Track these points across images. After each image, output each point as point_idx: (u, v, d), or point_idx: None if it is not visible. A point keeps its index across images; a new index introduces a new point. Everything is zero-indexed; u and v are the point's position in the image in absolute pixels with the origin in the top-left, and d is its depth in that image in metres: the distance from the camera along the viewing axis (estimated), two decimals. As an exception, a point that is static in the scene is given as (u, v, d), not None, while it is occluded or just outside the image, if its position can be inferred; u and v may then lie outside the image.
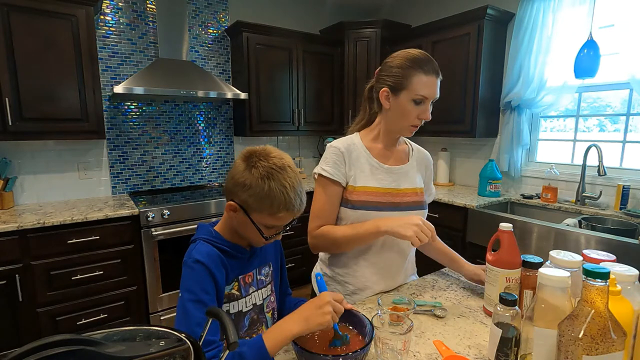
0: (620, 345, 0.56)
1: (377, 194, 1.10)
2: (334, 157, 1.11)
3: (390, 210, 1.10)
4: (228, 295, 0.88)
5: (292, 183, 0.81)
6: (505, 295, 0.72)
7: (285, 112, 3.07)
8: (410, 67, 1.02)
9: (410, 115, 1.05)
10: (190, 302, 0.78)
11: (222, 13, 2.99)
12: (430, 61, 1.03)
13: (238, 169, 0.83)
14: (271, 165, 0.80)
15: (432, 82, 1.03)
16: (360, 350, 0.71)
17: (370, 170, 1.12)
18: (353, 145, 1.13)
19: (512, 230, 0.95)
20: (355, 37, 3.17)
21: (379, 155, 1.14)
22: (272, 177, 0.79)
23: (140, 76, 2.36)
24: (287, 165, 0.82)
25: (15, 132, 2.06)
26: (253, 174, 0.80)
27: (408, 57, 1.03)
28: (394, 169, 1.14)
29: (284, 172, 0.81)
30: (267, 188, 0.79)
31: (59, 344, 0.39)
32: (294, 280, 2.43)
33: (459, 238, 2.43)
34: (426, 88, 1.02)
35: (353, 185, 1.10)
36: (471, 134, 2.64)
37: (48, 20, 2.07)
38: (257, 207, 0.81)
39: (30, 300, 1.98)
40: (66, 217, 2.02)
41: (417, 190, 1.15)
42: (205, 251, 0.83)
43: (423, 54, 1.04)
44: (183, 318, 0.78)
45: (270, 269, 1.00)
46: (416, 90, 1.02)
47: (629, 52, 2.01)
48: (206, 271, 0.81)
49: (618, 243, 1.71)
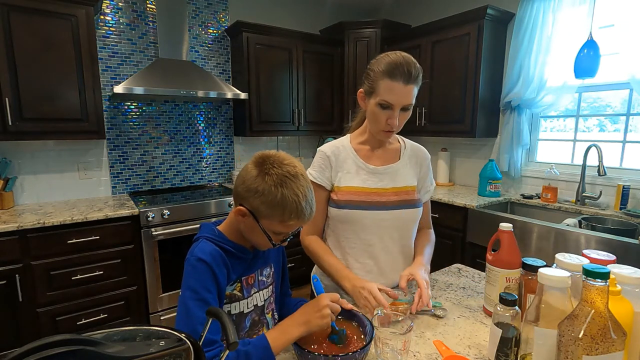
0: (620, 345, 0.56)
1: (361, 193, 1.11)
2: (320, 162, 1.16)
3: (375, 209, 1.10)
4: (230, 296, 0.88)
5: (305, 191, 0.81)
6: (505, 295, 0.72)
7: (285, 112, 3.07)
8: (380, 72, 1.01)
9: (380, 119, 1.05)
10: (192, 300, 0.78)
11: (222, 13, 2.99)
12: (402, 67, 0.98)
13: (250, 174, 0.82)
14: (285, 173, 0.80)
15: (398, 88, 0.99)
16: (360, 350, 0.71)
17: (356, 171, 1.14)
18: (341, 147, 1.16)
19: (512, 230, 0.95)
20: (355, 37, 3.17)
21: (366, 156, 1.16)
22: (285, 185, 0.79)
23: (140, 76, 2.36)
24: (300, 174, 0.82)
25: (15, 132, 2.06)
26: (266, 181, 0.79)
27: (383, 61, 1.02)
28: (380, 169, 1.14)
29: (297, 181, 0.80)
30: (280, 196, 0.78)
31: (59, 344, 0.39)
32: (293, 280, 2.42)
33: (459, 238, 2.43)
34: (391, 94, 1.00)
35: (338, 186, 1.14)
36: (471, 134, 2.64)
37: (48, 20, 2.07)
38: (268, 214, 0.81)
39: (30, 300, 1.98)
40: (66, 217, 2.02)
41: (407, 189, 1.15)
42: (208, 250, 0.83)
43: (399, 59, 1.00)
44: (185, 317, 0.78)
45: (271, 270, 1.00)
46: (381, 95, 1.01)
47: (629, 52, 2.01)
48: (209, 270, 0.81)
49: (618, 243, 1.71)
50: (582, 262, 0.73)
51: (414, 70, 0.99)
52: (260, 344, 0.75)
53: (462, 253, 2.43)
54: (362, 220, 1.11)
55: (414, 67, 1.00)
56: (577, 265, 0.71)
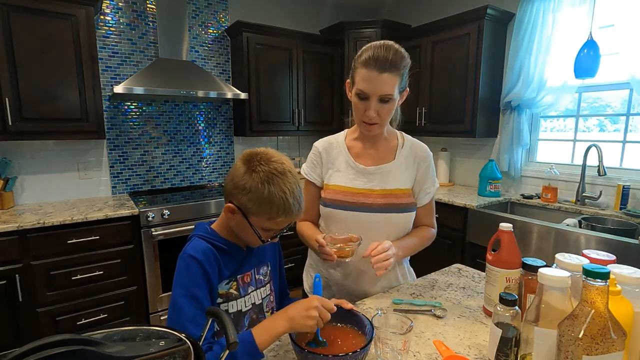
0: (620, 345, 0.56)
1: (347, 193, 1.10)
2: (312, 158, 1.17)
3: (359, 210, 1.08)
4: (227, 295, 0.88)
5: (292, 188, 0.81)
6: (505, 295, 0.72)
7: (285, 112, 3.07)
8: (359, 62, 0.98)
9: (358, 109, 1.02)
10: (182, 297, 0.79)
11: (222, 13, 2.99)
12: (378, 55, 0.94)
13: (238, 171, 0.82)
14: (272, 170, 0.80)
15: (372, 77, 0.95)
16: (360, 350, 0.71)
17: (346, 170, 1.12)
18: (335, 143, 1.16)
19: (512, 230, 0.95)
20: (355, 37, 3.17)
21: (357, 154, 1.13)
22: (272, 182, 0.79)
23: (140, 76, 2.36)
24: (287, 170, 0.82)
25: (15, 132, 2.06)
26: (253, 178, 0.80)
27: (362, 51, 0.99)
28: (370, 170, 1.11)
29: (284, 177, 0.81)
30: (267, 193, 0.79)
31: (59, 344, 0.39)
32: (292, 280, 2.43)
33: (459, 238, 2.43)
34: (364, 82, 0.96)
35: (327, 184, 1.14)
36: (471, 134, 2.64)
37: (48, 20, 2.06)
38: (256, 210, 0.81)
39: (30, 300, 1.98)
40: (66, 217, 2.02)
41: (396, 192, 1.10)
42: (199, 247, 0.84)
43: (376, 48, 0.96)
44: (174, 314, 0.79)
45: (268, 269, 1.00)
46: (357, 84, 0.99)
47: (629, 52, 2.00)
48: (199, 267, 0.81)
49: (618, 243, 1.71)
50: (582, 262, 0.73)
51: (391, 57, 0.94)
52: (244, 338, 0.74)
53: (462, 253, 2.43)
54: (346, 221, 1.10)
55: (391, 55, 0.94)
56: (577, 265, 0.71)
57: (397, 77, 0.97)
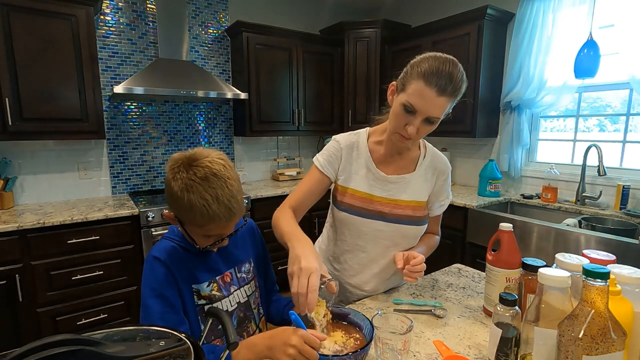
0: (620, 345, 0.56)
1: (365, 200, 1.06)
2: (332, 151, 1.09)
3: (375, 219, 1.06)
4: (209, 297, 0.88)
5: (216, 194, 0.76)
6: (505, 295, 0.72)
7: (285, 112, 3.07)
8: (417, 71, 0.89)
9: (399, 120, 0.94)
10: (150, 297, 0.80)
11: (222, 13, 2.99)
12: (443, 75, 0.87)
13: (167, 179, 0.80)
14: (190, 177, 0.76)
15: (428, 95, 0.87)
16: (360, 350, 0.71)
17: (366, 175, 1.07)
18: (357, 143, 1.10)
19: (512, 230, 0.95)
20: (355, 37, 3.17)
21: (380, 160, 1.08)
22: (191, 189, 0.75)
23: (140, 76, 2.36)
24: (210, 175, 0.77)
25: (15, 132, 2.06)
26: (173, 187, 0.77)
27: (426, 60, 0.90)
28: (391, 179, 1.07)
29: (205, 183, 0.76)
30: (187, 201, 0.76)
31: (59, 344, 0.39)
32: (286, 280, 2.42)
33: (459, 238, 2.43)
34: (419, 98, 0.88)
35: (345, 187, 1.09)
36: (471, 134, 2.64)
37: (48, 20, 2.06)
38: (184, 219, 0.81)
39: (30, 300, 1.98)
40: (66, 217, 2.02)
41: (412, 204, 1.07)
42: (163, 247, 0.85)
43: (443, 65, 0.88)
44: (144, 314, 0.79)
45: (251, 266, 1.00)
46: (408, 96, 0.90)
47: (629, 52, 2.00)
48: (163, 267, 0.82)
49: (618, 243, 1.71)
50: (582, 262, 0.73)
51: (454, 82, 0.88)
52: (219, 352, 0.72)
53: (462, 253, 2.43)
54: (360, 227, 1.08)
55: (455, 79, 0.88)
56: (577, 265, 0.71)
57: (451, 102, 0.92)
